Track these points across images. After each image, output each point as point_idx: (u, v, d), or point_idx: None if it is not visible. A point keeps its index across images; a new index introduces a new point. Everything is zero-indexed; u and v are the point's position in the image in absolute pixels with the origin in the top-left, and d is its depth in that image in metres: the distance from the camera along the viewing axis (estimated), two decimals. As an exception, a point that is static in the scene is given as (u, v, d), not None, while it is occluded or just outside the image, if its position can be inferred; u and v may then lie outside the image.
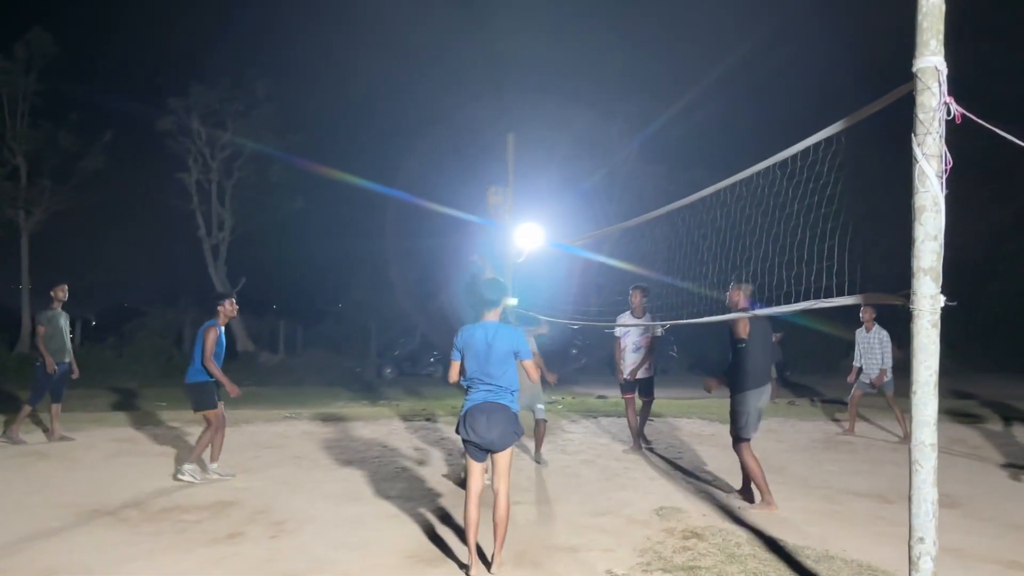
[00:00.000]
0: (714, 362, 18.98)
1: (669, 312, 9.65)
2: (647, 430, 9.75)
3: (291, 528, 6.00)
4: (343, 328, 26.38)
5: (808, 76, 20.66)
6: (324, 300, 26.00)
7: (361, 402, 14.58)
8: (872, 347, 10.39)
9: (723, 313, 7.36)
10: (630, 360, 9.14)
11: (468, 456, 5.08)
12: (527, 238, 12.99)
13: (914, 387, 3.75)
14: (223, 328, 7.76)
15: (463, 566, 5.06)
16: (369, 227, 24.70)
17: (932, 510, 3.70)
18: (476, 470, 5.05)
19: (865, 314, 10.42)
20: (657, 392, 9.69)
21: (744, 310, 6.67)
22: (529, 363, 5.22)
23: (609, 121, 24.02)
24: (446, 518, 6.29)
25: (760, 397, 6.70)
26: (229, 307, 7.78)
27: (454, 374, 5.27)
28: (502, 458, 5.06)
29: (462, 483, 7.31)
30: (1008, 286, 22.66)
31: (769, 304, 5.66)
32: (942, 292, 3.81)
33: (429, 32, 22.55)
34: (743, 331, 6.67)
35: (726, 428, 10.83)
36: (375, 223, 24.74)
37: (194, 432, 10.08)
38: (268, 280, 27.45)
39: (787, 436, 10.52)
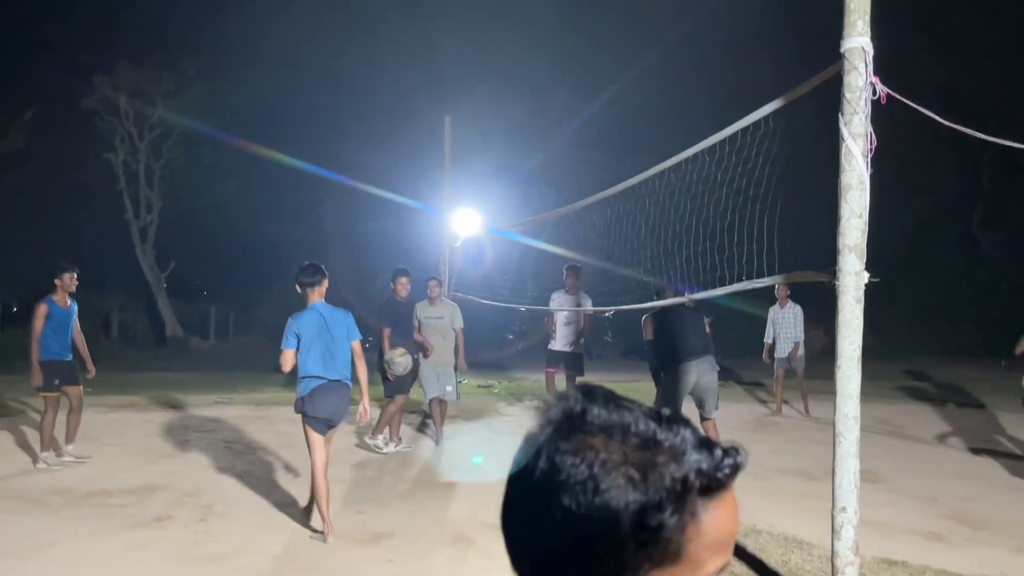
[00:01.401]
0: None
1: (606, 298, 9.85)
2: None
3: (220, 511, 5.89)
4: (278, 313, 25.84)
5: (742, 59, 20.99)
6: (259, 285, 25.49)
7: (294, 388, 14.35)
8: (787, 322, 10.74)
9: (649, 298, 7.51)
10: (561, 333, 9.49)
11: (314, 432, 5.36)
12: (464, 223, 12.99)
13: (838, 361, 3.85)
14: (70, 303, 7.36)
15: (315, 534, 5.30)
16: (305, 211, 24.27)
17: (854, 480, 3.80)
18: (321, 444, 5.37)
19: (780, 291, 10.71)
20: (592, 376, 9.86)
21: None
22: (356, 344, 5.60)
23: (547, 106, 24.07)
24: (380, 499, 6.25)
25: (685, 375, 6.97)
26: (68, 280, 7.31)
27: (288, 362, 5.48)
28: (334, 431, 5.54)
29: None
30: (930, 273, 23.46)
31: (704, 288, 5.74)
32: (867, 270, 3.92)
33: (367, 13, 22.18)
34: (647, 332, 7.23)
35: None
36: (312, 207, 24.33)
37: (109, 418, 9.82)
38: (199, 264, 26.80)
39: (719, 418, 10.71)
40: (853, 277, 3.81)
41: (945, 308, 23.25)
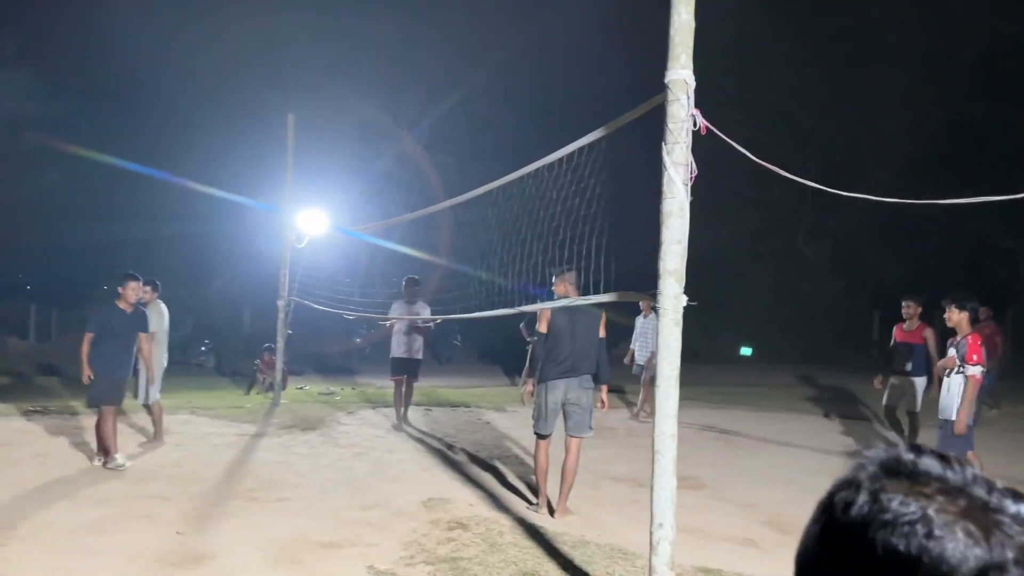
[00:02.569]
0: (503, 352, 19.37)
1: (454, 303, 9.94)
2: (433, 419, 9.85)
3: (24, 535, 5.43)
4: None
5: (587, 80, 21.57)
6: (85, 283, 23.85)
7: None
8: (647, 332, 11.20)
9: (501, 303, 7.48)
10: (400, 340, 10.00)
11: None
12: (310, 224, 12.64)
13: (658, 381, 3.98)
14: None
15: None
16: (139, 207, 22.89)
17: (671, 497, 3.95)
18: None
19: (644, 302, 11.11)
20: (442, 381, 10.25)
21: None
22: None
23: (397, 107, 23.87)
24: (203, 517, 5.96)
25: (551, 392, 6.27)
26: None
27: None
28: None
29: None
30: (760, 284, 24.89)
31: (536, 300, 5.82)
32: (697, 290, 4.08)
33: (204, 5, 21.15)
34: (542, 325, 6.38)
35: (503, 415, 11.17)
36: (146, 203, 22.98)
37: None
38: (17, 260, 24.80)
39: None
40: (673, 300, 3.95)
41: (774, 317, 24.71)
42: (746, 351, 5.76)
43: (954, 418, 6.84)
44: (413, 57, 22.73)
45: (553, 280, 6.31)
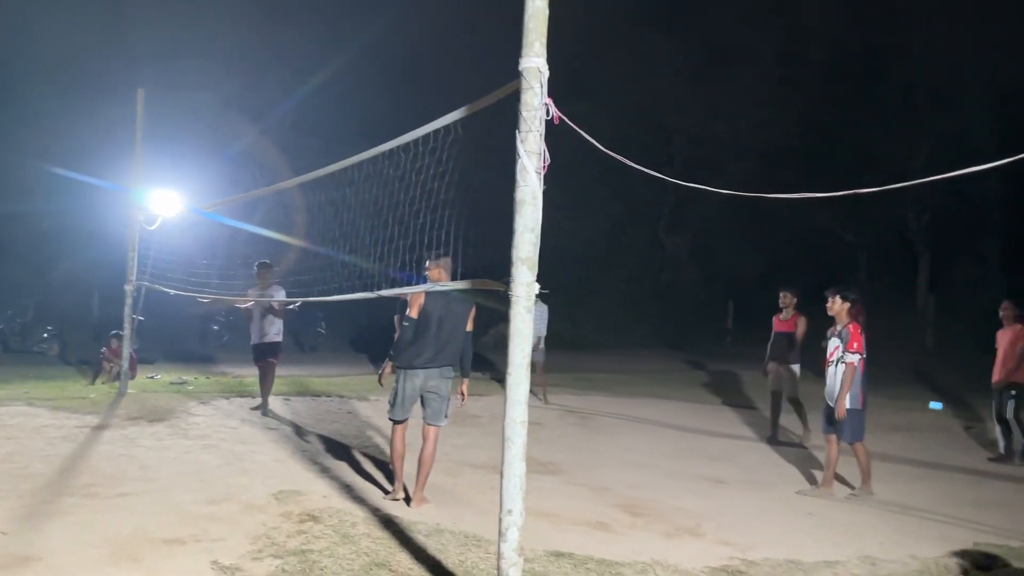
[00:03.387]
0: (370, 339, 19.06)
1: (310, 287, 9.77)
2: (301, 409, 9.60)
3: None
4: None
5: (454, 66, 21.50)
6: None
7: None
8: (535, 318, 11.34)
9: (362, 287, 7.28)
10: (258, 326, 9.93)
11: None
12: (163, 204, 12.00)
13: (509, 368, 3.97)
14: None
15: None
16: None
17: (520, 484, 3.95)
18: None
19: None
20: (307, 370, 10.26)
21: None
22: None
23: (261, 86, 23.05)
24: (30, 515, 5.56)
25: (410, 380, 6.16)
26: None
27: None
28: None
29: None
30: (622, 273, 25.62)
31: (394, 286, 5.74)
32: (563, 279, 4.11)
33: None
34: (413, 310, 6.20)
35: (366, 404, 10.99)
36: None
37: None
38: None
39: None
40: (525, 288, 3.95)
41: (636, 305, 25.49)
42: (936, 406, 5.88)
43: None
44: (277, 35, 22.00)
45: (427, 264, 6.09)
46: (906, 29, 20.44)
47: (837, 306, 7.46)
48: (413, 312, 6.18)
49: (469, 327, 6.37)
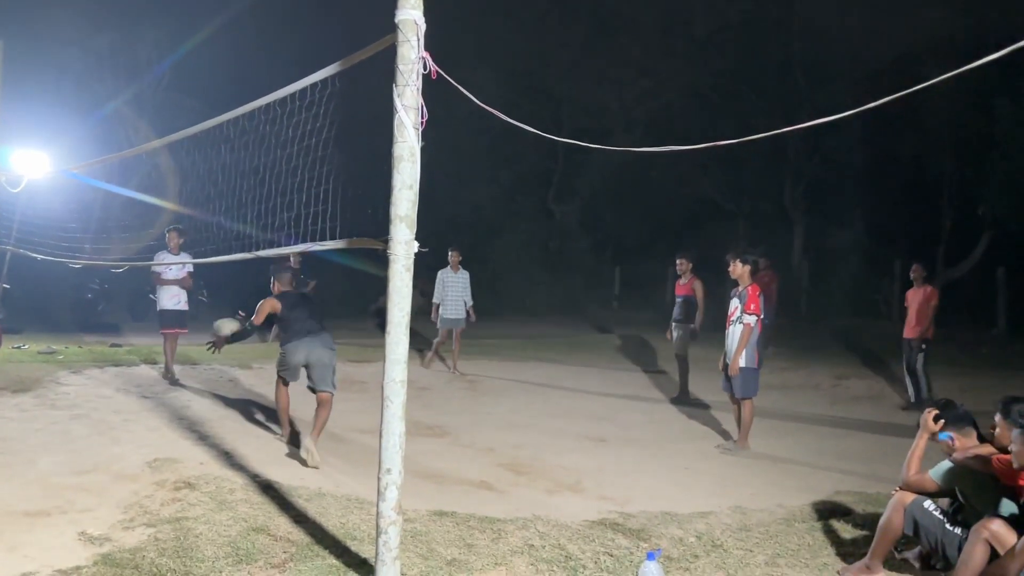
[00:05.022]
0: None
1: (195, 248, 9.63)
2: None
3: None
4: None
5: (342, 25, 20.94)
6: None
7: None
8: (457, 285, 11.65)
9: (239, 248, 7.08)
10: (171, 292, 9.83)
11: None
12: (26, 164, 11.27)
13: (388, 327, 3.94)
14: None
15: None
16: None
17: (399, 443, 3.95)
18: None
19: (453, 256, 11.59)
20: (188, 339, 10.34)
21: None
22: None
23: (136, 44, 21.86)
24: None
25: (294, 354, 6.70)
26: None
27: None
28: None
29: None
30: (513, 240, 25.70)
31: (270, 246, 5.58)
32: (454, 246, 4.06)
33: None
34: (259, 318, 7.05)
35: (248, 372, 10.73)
36: None
37: None
38: None
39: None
40: (404, 246, 3.91)
41: (526, 272, 25.67)
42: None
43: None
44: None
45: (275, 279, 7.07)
46: (786, 4, 21.07)
47: (739, 269, 7.76)
48: (260, 319, 6.96)
49: None
